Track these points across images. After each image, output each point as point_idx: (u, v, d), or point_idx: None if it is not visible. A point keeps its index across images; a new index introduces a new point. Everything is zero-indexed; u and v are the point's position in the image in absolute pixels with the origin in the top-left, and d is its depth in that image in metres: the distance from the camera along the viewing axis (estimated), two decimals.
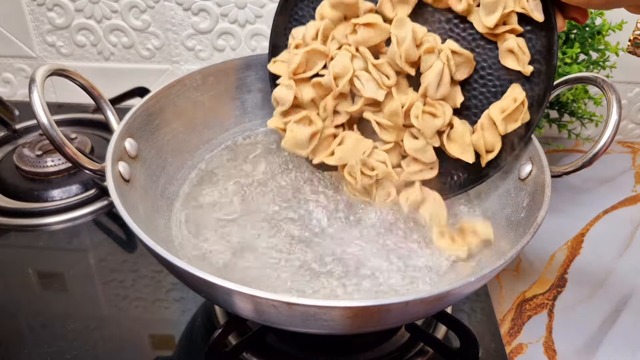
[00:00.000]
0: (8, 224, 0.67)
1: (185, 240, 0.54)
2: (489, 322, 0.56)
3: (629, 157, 0.86)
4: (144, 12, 0.85)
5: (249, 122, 0.69)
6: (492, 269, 0.40)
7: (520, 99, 0.51)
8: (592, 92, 0.73)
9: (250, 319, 0.44)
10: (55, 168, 0.74)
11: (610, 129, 0.48)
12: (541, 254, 0.67)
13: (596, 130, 0.86)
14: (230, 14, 0.84)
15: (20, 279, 0.60)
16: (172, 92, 0.61)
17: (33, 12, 0.87)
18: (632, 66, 0.82)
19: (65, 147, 0.48)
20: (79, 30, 0.88)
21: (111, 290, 0.59)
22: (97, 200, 0.71)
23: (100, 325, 0.55)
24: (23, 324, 0.55)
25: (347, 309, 0.37)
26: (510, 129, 0.52)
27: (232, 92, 0.67)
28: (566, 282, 0.63)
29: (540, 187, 0.49)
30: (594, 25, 0.69)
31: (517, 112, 0.51)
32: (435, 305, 0.43)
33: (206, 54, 0.88)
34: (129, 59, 0.90)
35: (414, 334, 0.54)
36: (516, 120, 0.52)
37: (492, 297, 0.60)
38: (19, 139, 0.83)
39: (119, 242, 0.66)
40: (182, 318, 0.56)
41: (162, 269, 0.60)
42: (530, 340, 0.56)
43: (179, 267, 0.39)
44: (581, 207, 0.75)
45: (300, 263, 0.51)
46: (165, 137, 0.60)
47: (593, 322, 0.58)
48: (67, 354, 0.52)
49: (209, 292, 0.42)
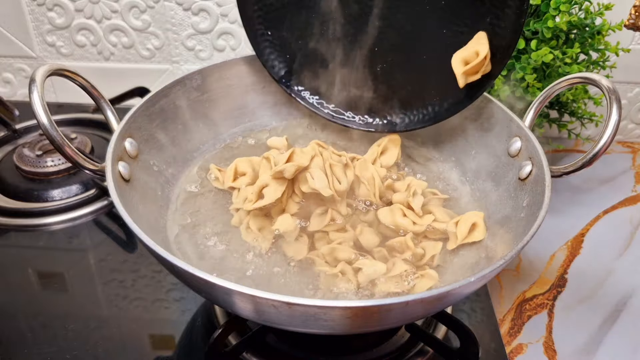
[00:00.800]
0: (8, 224, 0.67)
1: (185, 240, 0.54)
2: (489, 322, 0.56)
3: (629, 157, 0.86)
4: (144, 12, 0.85)
5: (249, 122, 0.69)
6: (492, 269, 0.40)
7: (483, 53, 0.52)
8: (592, 92, 0.73)
9: (250, 319, 0.44)
10: (55, 168, 0.74)
11: (610, 129, 0.48)
12: (541, 254, 0.67)
13: (596, 130, 0.86)
14: (230, 14, 0.84)
15: (20, 279, 0.60)
16: (172, 92, 0.61)
17: (33, 12, 0.87)
18: (632, 66, 0.82)
19: (65, 147, 0.48)
20: (79, 30, 0.88)
21: (111, 290, 0.59)
22: (97, 200, 0.71)
23: (100, 325, 0.55)
24: (23, 324, 0.55)
25: (347, 309, 0.37)
26: (470, 81, 0.53)
27: (232, 92, 0.67)
28: (566, 282, 0.63)
29: (540, 187, 0.49)
30: (594, 25, 0.69)
31: (479, 65, 0.53)
32: (435, 305, 0.43)
33: (206, 54, 0.88)
34: (129, 59, 0.90)
35: (414, 334, 0.54)
36: (477, 73, 0.53)
37: (492, 297, 0.60)
38: (19, 139, 0.83)
39: (119, 242, 0.66)
40: (182, 318, 0.56)
41: (162, 269, 0.60)
42: (530, 340, 0.56)
43: (179, 267, 0.39)
44: (581, 207, 0.75)
45: None
46: (165, 137, 0.60)
47: (593, 322, 0.58)
48: (67, 354, 0.52)
49: (209, 292, 0.42)
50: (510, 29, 0.52)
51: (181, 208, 0.58)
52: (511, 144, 0.57)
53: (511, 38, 0.52)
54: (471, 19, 0.54)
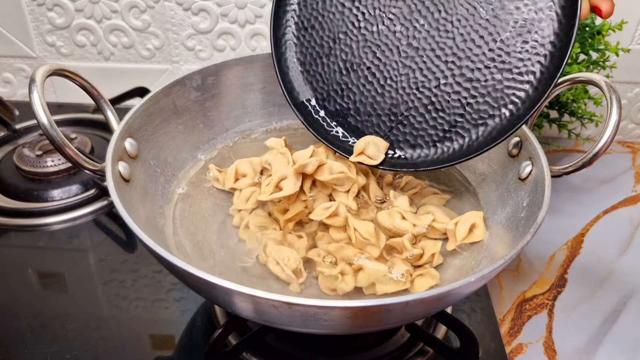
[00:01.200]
0: (8, 224, 0.67)
1: (185, 240, 0.54)
2: (489, 322, 0.56)
3: (629, 157, 0.86)
4: (144, 12, 0.85)
5: (249, 122, 0.69)
6: (492, 269, 0.40)
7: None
8: (592, 92, 0.73)
9: (250, 319, 0.44)
10: (55, 168, 0.74)
11: (610, 129, 0.48)
12: (541, 254, 0.67)
13: (596, 130, 0.86)
14: (230, 14, 0.84)
15: (20, 279, 0.60)
16: (172, 92, 0.61)
17: (33, 12, 0.87)
18: (632, 66, 0.82)
19: (65, 147, 0.48)
20: (79, 30, 0.88)
21: (111, 290, 0.59)
22: (97, 200, 0.71)
23: (100, 325, 0.55)
24: (23, 324, 0.55)
25: (347, 309, 0.37)
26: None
27: (232, 92, 0.67)
28: (566, 282, 0.63)
29: (540, 187, 0.49)
30: (594, 25, 0.69)
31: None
32: (435, 305, 0.43)
33: (206, 54, 0.88)
34: (129, 59, 0.90)
35: (414, 334, 0.54)
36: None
37: (492, 297, 0.60)
38: (19, 139, 0.83)
39: (119, 242, 0.66)
40: (182, 318, 0.56)
41: (162, 269, 0.60)
42: (530, 340, 0.56)
43: (179, 267, 0.39)
44: (581, 207, 0.75)
45: None
46: (165, 137, 0.60)
47: (593, 322, 0.58)
48: (67, 354, 0.52)
49: (209, 292, 0.42)
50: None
51: (181, 208, 0.58)
52: (511, 145, 0.57)
53: None
54: None
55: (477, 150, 0.52)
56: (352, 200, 0.55)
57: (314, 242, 0.54)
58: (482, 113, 0.53)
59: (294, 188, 0.53)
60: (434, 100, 0.54)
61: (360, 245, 0.51)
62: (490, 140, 0.52)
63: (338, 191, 0.55)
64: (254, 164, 0.59)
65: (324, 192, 0.56)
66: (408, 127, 0.56)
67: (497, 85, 0.52)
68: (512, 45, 0.50)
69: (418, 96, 0.55)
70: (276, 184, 0.54)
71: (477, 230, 0.53)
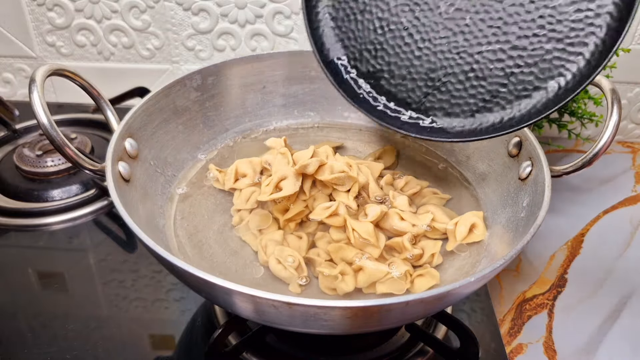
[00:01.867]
0: (8, 224, 0.67)
1: (185, 240, 0.54)
2: (489, 322, 0.56)
3: (629, 157, 0.86)
4: (144, 12, 0.85)
5: (249, 122, 0.69)
6: (492, 269, 0.40)
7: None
8: (592, 92, 0.73)
9: (250, 319, 0.44)
10: (55, 168, 0.74)
11: (610, 129, 0.47)
12: (541, 254, 0.67)
13: (596, 130, 0.86)
14: (230, 14, 0.84)
15: (20, 279, 0.60)
16: (172, 92, 0.61)
17: (33, 12, 0.87)
18: (632, 66, 0.82)
19: (66, 147, 0.48)
20: (79, 30, 0.88)
21: (111, 290, 0.59)
22: (97, 200, 0.71)
23: (100, 325, 0.55)
24: (23, 324, 0.55)
25: (347, 309, 0.37)
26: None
27: (232, 92, 0.67)
28: (566, 282, 0.63)
29: (540, 187, 0.49)
30: None
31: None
32: (435, 305, 0.43)
33: (206, 54, 0.88)
34: (129, 59, 0.90)
35: (414, 334, 0.54)
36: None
37: (492, 297, 0.60)
38: (19, 139, 0.83)
39: (119, 242, 0.66)
40: (182, 318, 0.56)
41: (162, 269, 0.60)
42: (530, 340, 0.56)
43: (179, 267, 0.39)
44: (581, 207, 0.75)
45: None
46: (165, 137, 0.60)
47: (593, 322, 0.58)
48: (67, 354, 0.52)
49: (209, 292, 0.42)
50: None
51: (181, 208, 0.58)
52: (511, 145, 0.57)
53: None
54: None
55: (518, 124, 0.49)
56: (352, 200, 0.55)
57: (313, 242, 0.54)
58: (526, 84, 0.49)
59: (294, 188, 0.53)
60: (475, 67, 0.51)
61: (359, 246, 0.51)
62: (533, 114, 0.48)
63: (338, 191, 0.55)
64: (254, 164, 0.59)
65: (324, 192, 0.56)
66: (445, 94, 0.53)
67: (545, 56, 0.48)
68: (565, 13, 0.47)
69: (458, 62, 0.51)
70: (276, 184, 0.54)
71: (477, 230, 0.53)
